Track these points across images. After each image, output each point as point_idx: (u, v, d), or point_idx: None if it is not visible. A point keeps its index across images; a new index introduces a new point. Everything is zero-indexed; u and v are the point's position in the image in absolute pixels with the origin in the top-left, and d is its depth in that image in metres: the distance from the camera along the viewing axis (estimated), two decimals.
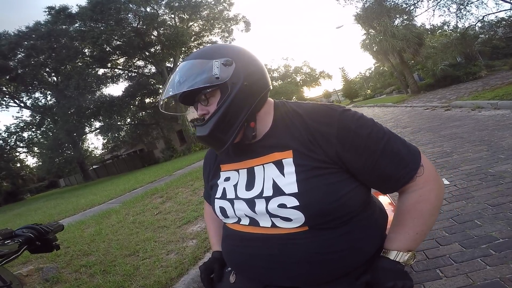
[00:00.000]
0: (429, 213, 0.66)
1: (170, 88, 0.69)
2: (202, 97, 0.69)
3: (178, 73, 0.69)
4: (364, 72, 51.69)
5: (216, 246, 0.92)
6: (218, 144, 0.69)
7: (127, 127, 24.35)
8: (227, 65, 0.65)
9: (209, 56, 0.67)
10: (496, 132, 3.92)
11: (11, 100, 24.00)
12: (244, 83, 0.66)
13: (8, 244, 0.68)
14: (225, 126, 0.66)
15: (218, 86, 0.66)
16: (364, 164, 0.65)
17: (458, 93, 9.88)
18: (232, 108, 0.65)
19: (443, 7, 12.50)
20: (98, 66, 22.29)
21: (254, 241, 0.70)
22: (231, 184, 0.76)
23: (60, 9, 20.80)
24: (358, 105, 23.17)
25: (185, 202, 4.18)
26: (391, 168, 0.65)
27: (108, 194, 7.98)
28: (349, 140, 0.64)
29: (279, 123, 0.72)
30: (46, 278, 2.34)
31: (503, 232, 1.67)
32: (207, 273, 0.85)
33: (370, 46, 16.90)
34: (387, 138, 0.65)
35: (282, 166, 0.67)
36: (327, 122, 0.66)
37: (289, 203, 0.64)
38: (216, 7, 23.24)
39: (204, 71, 0.65)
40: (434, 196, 0.66)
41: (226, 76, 0.64)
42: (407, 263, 0.66)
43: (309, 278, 0.65)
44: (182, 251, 2.44)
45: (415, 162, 0.66)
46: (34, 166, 33.93)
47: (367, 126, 0.65)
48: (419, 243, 0.68)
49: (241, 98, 0.66)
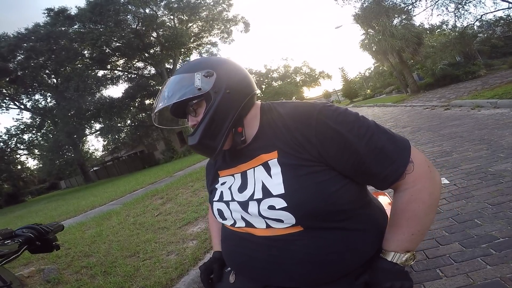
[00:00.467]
0: (423, 213, 0.63)
1: (159, 103, 0.74)
2: (190, 108, 0.72)
3: (166, 88, 0.74)
4: (363, 72, 51.62)
5: (217, 246, 0.93)
6: (208, 151, 0.71)
7: (127, 129, 24.36)
8: (208, 76, 0.69)
9: (191, 70, 0.71)
10: (495, 131, 3.92)
11: (11, 102, 24.04)
12: (227, 91, 0.69)
13: (8, 244, 0.69)
14: (212, 133, 0.69)
15: (202, 97, 0.69)
16: (347, 162, 0.63)
17: (457, 92, 9.88)
18: (217, 115, 0.68)
19: (441, 6, 12.55)
20: (97, 67, 22.32)
21: (253, 242, 0.71)
22: (227, 187, 0.78)
23: (59, 10, 20.84)
24: (357, 105, 23.17)
25: (185, 203, 4.18)
26: (376, 166, 0.62)
27: (109, 195, 7.98)
28: (329, 139, 0.62)
29: (265, 126, 0.73)
30: (47, 279, 2.34)
31: (503, 231, 1.66)
32: (207, 273, 0.86)
33: (369, 46, 16.91)
34: (370, 134, 0.62)
35: (269, 167, 0.68)
36: (305, 122, 0.65)
37: (277, 205, 0.64)
38: (215, 8, 23.29)
39: (188, 84, 0.69)
40: (427, 195, 0.63)
41: (208, 86, 0.68)
42: (406, 264, 0.65)
43: (308, 278, 0.65)
44: (183, 252, 2.44)
45: (403, 158, 0.63)
46: (34, 168, 34.04)
47: (348, 122, 0.63)
48: (417, 243, 0.67)
49: (225, 105, 0.68)
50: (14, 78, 21.30)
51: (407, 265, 0.66)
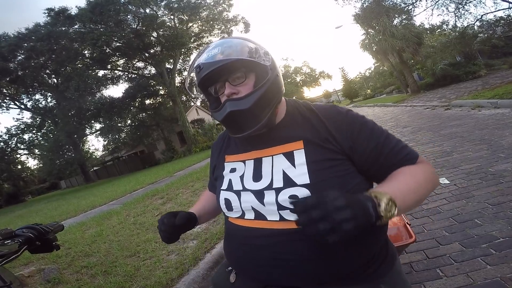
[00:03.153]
0: (424, 179, 0.66)
1: (211, 57, 0.68)
2: (238, 75, 0.71)
3: (219, 46, 0.70)
4: (364, 72, 51.72)
5: (193, 209, 0.94)
6: (249, 122, 0.68)
7: (128, 129, 24.37)
8: (268, 54, 0.73)
9: (254, 42, 0.74)
10: (496, 131, 3.92)
11: (11, 102, 24.07)
12: (278, 73, 0.74)
13: (8, 244, 0.69)
14: (263, 105, 0.69)
15: (259, 68, 0.71)
16: (371, 151, 0.69)
17: (458, 92, 9.87)
18: (271, 90, 0.70)
19: (441, 6, 12.50)
20: (98, 67, 22.31)
21: (258, 238, 0.69)
22: (237, 175, 0.76)
23: (60, 10, 20.85)
24: (358, 105, 23.14)
25: (185, 203, 4.18)
26: (394, 152, 0.69)
27: (109, 195, 7.99)
28: (357, 129, 0.70)
29: (290, 117, 0.77)
30: (48, 279, 2.34)
31: (504, 231, 1.66)
32: (170, 215, 0.81)
33: (369, 46, 16.92)
34: (387, 134, 0.73)
35: (293, 157, 0.69)
36: (337, 115, 0.73)
37: (300, 194, 0.64)
38: (216, 8, 23.27)
39: (253, 51, 0.71)
40: (431, 173, 0.69)
41: (269, 61, 0.72)
42: (381, 212, 0.52)
43: (311, 277, 0.65)
44: (183, 252, 2.45)
45: (415, 153, 0.71)
46: (35, 168, 34.07)
47: (370, 122, 0.73)
48: (407, 203, 0.59)
49: (277, 84, 0.73)
50: (15, 78, 21.32)
51: (382, 216, 0.52)
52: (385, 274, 0.68)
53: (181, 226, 0.80)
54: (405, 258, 1.69)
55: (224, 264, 0.87)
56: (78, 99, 19.83)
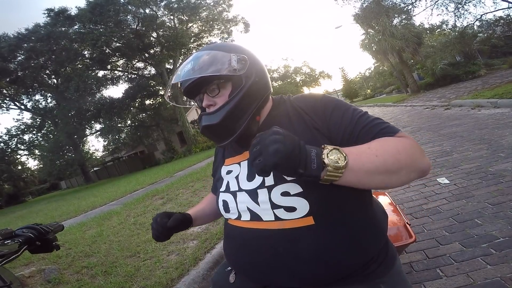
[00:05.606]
0: (394, 146, 0.60)
1: (183, 75, 0.71)
2: (213, 87, 0.72)
3: (192, 61, 0.71)
4: (363, 72, 51.78)
5: (190, 211, 0.93)
6: (224, 134, 0.71)
7: (128, 129, 24.38)
8: (242, 61, 0.70)
9: (227, 50, 0.72)
10: (496, 130, 3.92)
11: (11, 102, 24.06)
12: (256, 79, 0.72)
13: (8, 244, 0.68)
14: (236, 117, 0.69)
15: (234, 78, 0.71)
16: (345, 128, 0.67)
17: (457, 92, 9.87)
18: (244, 100, 0.69)
19: (441, 6, 12.54)
20: (98, 68, 22.31)
21: (257, 239, 0.69)
22: (233, 176, 0.77)
23: (59, 11, 20.84)
24: (358, 105, 23.12)
25: (185, 203, 4.18)
26: (368, 127, 0.66)
27: (109, 195, 7.98)
28: (330, 110, 0.70)
29: (273, 114, 0.78)
30: (48, 279, 2.34)
31: (504, 231, 1.66)
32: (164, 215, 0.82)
33: (369, 46, 16.91)
34: (364, 113, 0.70)
35: None
36: (314, 101, 0.74)
37: (292, 190, 0.64)
38: (215, 8, 23.28)
39: (223, 62, 0.69)
40: (409, 145, 0.63)
41: (243, 69, 0.69)
42: (325, 159, 0.53)
43: (312, 278, 0.64)
44: (183, 252, 2.45)
45: (395, 128, 0.68)
46: (35, 168, 34.07)
47: (345, 103, 0.73)
48: (364, 162, 0.56)
49: (253, 91, 0.71)
50: (15, 78, 21.33)
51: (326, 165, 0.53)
52: (385, 274, 0.68)
53: (172, 228, 0.82)
54: (405, 258, 1.69)
55: (224, 264, 0.87)
56: (78, 100, 19.85)
